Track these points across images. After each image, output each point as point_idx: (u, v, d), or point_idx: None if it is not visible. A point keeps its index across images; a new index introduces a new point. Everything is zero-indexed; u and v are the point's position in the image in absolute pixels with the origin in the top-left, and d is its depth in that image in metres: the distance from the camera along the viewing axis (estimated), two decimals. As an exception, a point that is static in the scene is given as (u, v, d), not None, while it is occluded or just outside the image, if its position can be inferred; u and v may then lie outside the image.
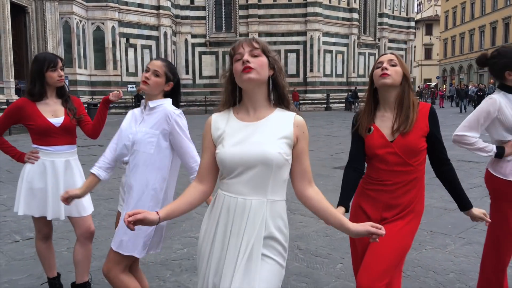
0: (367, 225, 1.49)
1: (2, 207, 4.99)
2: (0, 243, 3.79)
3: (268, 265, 1.43)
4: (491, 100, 2.35)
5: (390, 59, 1.91)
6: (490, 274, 2.45)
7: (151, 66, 2.09)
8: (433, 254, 3.48)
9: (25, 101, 2.50)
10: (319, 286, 2.90)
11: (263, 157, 1.41)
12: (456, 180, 1.98)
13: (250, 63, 1.42)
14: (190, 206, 1.51)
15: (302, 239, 3.83)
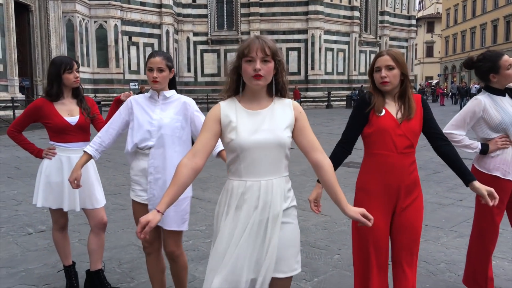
0: (359, 213, 1.67)
1: (13, 202, 5.19)
2: (14, 235, 3.98)
3: (290, 227, 1.70)
4: (477, 101, 2.53)
5: (387, 65, 2.04)
6: (476, 263, 2.63)
7: (153, 64, 2.26)
8: (426, 246, 3.66)
9: (43, 101, 2.68)
10: (317, 275, 3.09)
11: (278, 141, 1.64)
12: (454, 154, 2.12)
13: (261, 71, 1.61)
14: (184, 187, 1.65)
15: (302, 232, 3.94)
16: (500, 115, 2.49)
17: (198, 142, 1.69)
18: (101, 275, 2.76)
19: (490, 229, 2.57)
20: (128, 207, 4.96)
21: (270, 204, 1.64)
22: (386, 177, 2.07)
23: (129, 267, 3.24)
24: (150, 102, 2.34)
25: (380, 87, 2.08)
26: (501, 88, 2.57)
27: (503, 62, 2.49)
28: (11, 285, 2.96)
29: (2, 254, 3.52)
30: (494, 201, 2.07)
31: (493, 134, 2.52)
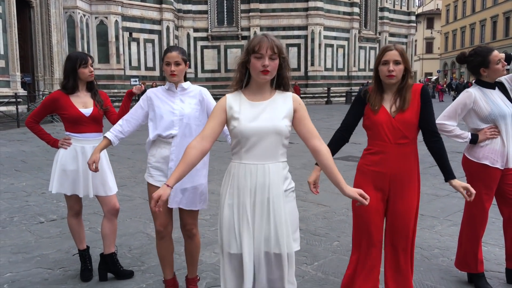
0: (356, 192, 1.85)
1: (23, 193, 5.36)
2: (27, 224, 4.15)
3: (289, 206, 1.89)
4: (468, 94, 2.69)
5: (395, 60, 2.19)
6: (467, 246, 2.80)
7: (171, 59, 2.43)
8: (421, 233, 3.83)
9: (59, 94, 2.84)
10: (317, 259, 3.26)
11: (275, 129, 1.81)
12: (441, 151, 2.26)
13: (268, 67, 1.78)
14: (192, 166, 1.84)
15: (302, 221, 4.17)
16: (489, 107, 2.65)
17: (206, 128, 1.87)
18: (114, 258, 2.92)
19: (480, 215, 2.74)
20: (135, 198, 5.13)
21: (269, 186, 1.82)
22: (381, 165, 2.24)
23: (138, 252, 3.41)
24: (169, 94, 2.50)
25: (385, 79, 2.23)
26: (491, 81, 2.72)
27: (492, 57, 2.65)
28: (28, 268, 3.13)
29: (17, 241, 3.69)
30: (470, 196, 2.20)
31: (483, 125, 2.68)
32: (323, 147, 1.88)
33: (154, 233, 3.79)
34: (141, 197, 5.15)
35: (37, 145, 9.63)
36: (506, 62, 2.71)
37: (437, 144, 2.26)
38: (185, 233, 2.61)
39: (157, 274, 2.98)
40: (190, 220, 2.55)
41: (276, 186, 1.83)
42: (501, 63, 2.66)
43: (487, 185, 2.68)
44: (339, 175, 1.86)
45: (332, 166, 1.86)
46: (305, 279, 2.93)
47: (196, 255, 2.64)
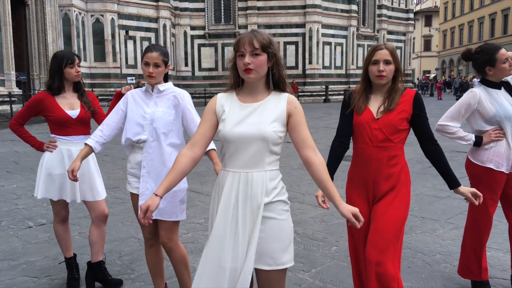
0: (350, 212, 1.66)
1: (13, 196, 5.21)
2: (15, 229, 4.01)
3: (276, 223, 1.67)
4: (472, 94, 2.57)
5: (385, 59, 2.08)
6: (470, 253, 2.68)
7: (150, 59, 2.27)
8: (422, 237, 3.72)
9: (45, 95, 2.70)
10: (314, 266, 3.13)
11: (260, 135, 1.63)
12: (442, 159, 2.15)
13: (250, 65, 1.63)
14: (183, 175, 1.70)
15: (300, 225, 4.05)
16: (494, 108, 2.53)
17: (197, 133, 1.74)
18: (102, 266, 2.79)
19: (484, 220, 2.62)
20: (127, 200, 4.99)
21: (250, 197, 1.65)
22: (364, 169, 2.13)
23: (129, 259, 3.28)
24: (146, 96, 2.37)
25: (375, 79, 2.10)
26: (497, 81, 2.60)
27: (499, 56, 2.52)
28: (13, 277, 2.99)
29: (3, 247, 3.56)
30: (478, 199, 2.11)
31: (487, 126, 2.55)
32: (316, 158, 1.69)
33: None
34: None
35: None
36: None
37: (437, 152, 2.14)
38: (164, 246, 2.40)
39: (148, 282, 2.85)
40: (164, 233, 2.34)
41: (255, 198, 1.65)
42: (508, 62, 2.53)
43: (492, 189, 2.56)
44: (334, 189, 1.69)
45: (326, 179, 1.68)
46: (302, 286, 2.81)
47: (181, 271, 2.41)
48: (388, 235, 2.04)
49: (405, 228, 3.90)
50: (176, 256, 2.38)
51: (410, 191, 2.21)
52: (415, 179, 5.88)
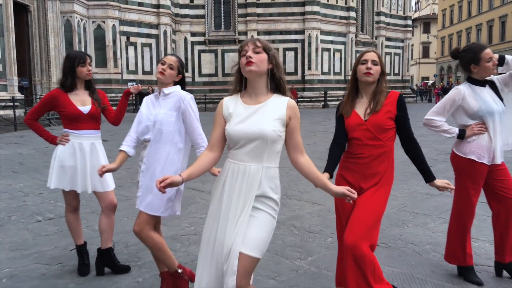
0: (344, 188, 1.89)
1: (20, 194, 5.39)
2: (25, 223, 4.19)
3: (263, 216, 1.84)
4: (457, 90, 2.77)
5: (373, 59, 2.29)
6: (455, 239, 2.87)
7: (167, 60, 2.51)
8: (413, 230, 3.90)
9: (58, 91, 2.90)
10: (310, 255, 3.32)
11: (260, 133, 1.80)
12: (420, 156, 2.36)
13: (252, 58, 1.82)
14: (203, 170, 1.91)
15: (297, 219, 4.24)
16: (478, 104, 2.72)
17: (212, 137, 1.94)
18: (111, 253, 2.97)
19: (467, 209, 2.81)
20: (131, 198, 5.18)
21: (245, 187, 1.82)
22: (352, 166, 2.32)
23: (135, 249, 3.46)
24: (155, 99, 2.57)
25: (362, 77, 2.30)
26: (481, 79, 2.80)
27: (484, 55, 2.72)
28: (26, 264, 3.17)
29: (15, 238, 3.73)
30: (451, 188, 2.31)
31: (471, 121, 2.75)
32: (303, 158, 1.90)
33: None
34: (138, 197, 5.20)
35: (34, 147, 9.66)
36: (498, 63, 2.77)
37: (416, 150, 2.34)
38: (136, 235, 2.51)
39: (153, 269, 3.03)
40: (139, 221, 2.46)
41: (249, 188, 1.81)
42: (492, 62, 2.72)
43: (474, 180, 2.75)
44: (324, 178, 1.90)
45: (315, 171, 1.89)
46: (299, 273, 2.99)
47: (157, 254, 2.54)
48: (365, 222, 2.20)
49: (397, 222, 4.10)
50: (149, 244, 2.50)
51: (390, 189, 2.38)
52: (410, 178, 6.08)
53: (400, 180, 5.96)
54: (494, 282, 2.85)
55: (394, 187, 5.51)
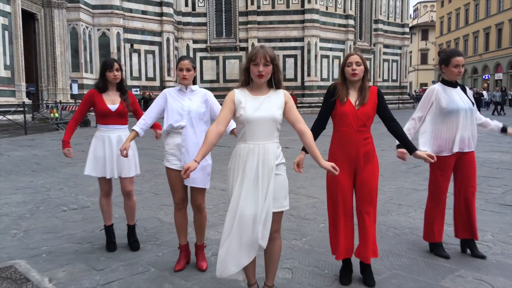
0: (329, 165, 2.43)
1: (43, 189, 5.92)
2: (52, 212, 4.71)
3: (281, 177, 2.42)
4: (431, 89, 3.32)
5: (357, 61, 2.81)
6: (428, 218, 3.39)
7: (184, 66, 3.05)
8: (396, 218, 4.42)
9: (94, 91, 3.47)
10: (305, 236, 3.84)
11: (272, 117, 2.37)
12: (401, 131, 2.88)
13: (262, 72, 2.36)
14: (212, 146, 2.42)
15: (294, 209, 4.76)
16: (446, 102, 3.24)
17: (220, 115, 2.45)
18: (131, 228, 3.59)
19: (438, 192, 3.34)
20: (145, 192, 5.71)
21: (267, 161, 2.37)
22: (347, 147, 2.82)
23: (153, 232, 3.98)
24: (180, 94, 3.11)
25: (350, 77, 2.82)
26: (450, 80, 3.31)
27: (454, 60, 3.24)
28: (60, 244, 3.69)
29: (46, 224, 4.26)
30: (433, 159, 2.83)
31: (441, 116, 3.25)
32: (307, 130, 2.47)
33: (165, 218, 4.40)
34: (149, 191, 5.73)
35: (47, 149, 10.20)
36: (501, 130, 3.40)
37: (397, 127, 2.87)
38: (195, 208, 3.15)
39: (170, 246, 3.56)
40: (199, 196, 3.12)
41: (270, 161, 2.37)
42: (459, 69, 3.24)
43: (441, 169, 3.28)
44: (318, 152, 2.44)
45: (313, 145, 2.46)
46: (294, 250, 3.51)
47: (204, 226, 3.18)
48: (373, 194, 2.84)
49: (383, 211, 4.60)
50: (205, 214, 3.17)
51: (377, 159, 2.92)
52: (399, 176, 6.60)
53: (389, 178, 6.49)
54: (459, 257, 3.36)
55: (383, 183, 6.10)
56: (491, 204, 4.89)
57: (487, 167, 7.35)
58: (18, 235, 3.94)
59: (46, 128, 16.14)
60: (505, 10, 38.88)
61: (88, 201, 5.21)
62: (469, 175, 3.32)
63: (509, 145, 10.43)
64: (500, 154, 8.87)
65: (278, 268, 3.03)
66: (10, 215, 4.61)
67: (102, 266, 3.19)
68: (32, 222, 4.34)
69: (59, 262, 3.26)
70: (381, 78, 34.62)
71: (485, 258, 3.27)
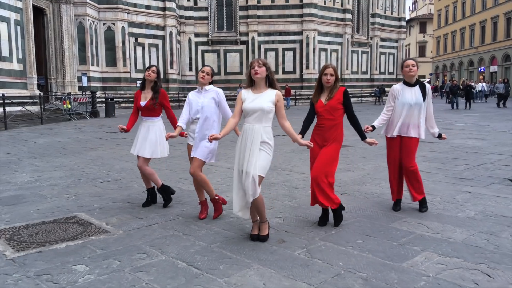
0: (306, 141, 3.52)
1: (77, 167, 7.01)
2: (93, 182, 5.80)
3: (263, 153, 3.44)
4: (394, 87, 4.37)
5: (331, 73, 3.86)
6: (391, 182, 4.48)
7: (205, 69, 4.10)
8: (368, 187, 5.51)
9: (138, 90, 4.56)
10: (295, 198, 4.94)
11: (261, 108, 3.40)
12: (358, 124, 3.93)
13: (258, 70, 3.42)
14: (231, 130, 3.48)
15: (288, 181, 5.85)
16: (400, 97, 4.31)
17: (235, 110, 3.50)
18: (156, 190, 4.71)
19: (390, 162, 4.43)
20: (163, 169, 6.78)
21: (254, 137, 3.39)
22: (322, 131, 3.90)
23: (175, 196, 5.03)
24: (197, 93, 4.16)
25: (324, 84, 3.89)
26: (408, 81, 4.36)
27: (405, 63, 4.32)
28: (105, 203, 4.78)
29: (90, 191, 5.35)
30: (375, 143, 3.91)
31: (397, 107, 4.31)
32: (287, 123, 3.50)
33: (183, 187, 5.48)
34: (167, 169, 6.82)
35: (68, 137, 11.28)
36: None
37: (354, 119, 3.93)
38: (191, 174, 4.12)
39: (190, 205, 4.65)
40: (195, 165, 4.04)
41: (255, 137, 3.38)
42: (409, 68, 4.29)
43: (389, 146, 4.38)
44: (296, 135, 3.53)
45: (291, 131, 3.50)
46: (286, 207, 4.60)
47: (202, 186, 4.15)
48: (325, 164, 3.83)
49: (359, 181, 5.69)
50: (197, 179, 4.11)
51: (340, 145, 3.97)
52: (379, 158, 7.70)
53: (370, 159, 7.59)
54: (409, 211, 4.45)
55: (365, 163, 7.24)
56: (449, 178, 5.99)
57: (459, 151, 8.44)
58: (71, 198, 5.03)
59: (59, 119, 17.19)
60: (501, 4, 39.64)
61: (118, 175, 6.31)
62: (404, 154, 4.38)
63: (487, 133, 11.51)
64: (475, 141, 9.95)
65: (273, 216, 4.15)
66: (58, 185, 5.71)
67: (142, 216, 4.29)
68: (78, 189, 5.44)
69: (109, 214, 4.36)
70: (378, 71, 35.60)
71: (426, 211, 4.36)
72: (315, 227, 3.95)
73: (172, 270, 2.96)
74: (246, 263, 3.09)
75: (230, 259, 3.16)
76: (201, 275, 2.88)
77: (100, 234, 3.74)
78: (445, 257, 3.18)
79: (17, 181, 5.99)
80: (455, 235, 3.66)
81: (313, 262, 3.10)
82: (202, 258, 3.19)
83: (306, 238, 3.64)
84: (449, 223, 4.00)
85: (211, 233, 3.78)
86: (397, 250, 3.33)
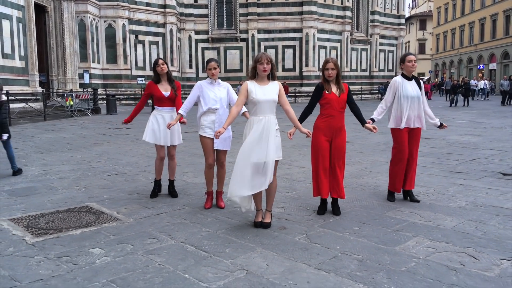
0: (307, 130, 3.76)
1: (84, 161, 7.24)
2: (101, 176, 6.04)
3: (277, 138, 3.71)
4: (394, 80, 4.60)
5: (332, 67, 4.09)
6: (391, 175, 4.70)
7: (212, 66, 4.30)
8: (366, 180, 5.75)
9: (151, 82, 4.78)
10: (295, 190, 5.17)
11: (272, 99, 3.67)
12: (358, 111, 4.15)
13: (266, 68, 3.66)
14: (234, 119, 3.73)
15: (288, 174, 6.09)
16: (402, 89, 4.53)
17: (239, 100, 3.77)
18: (171, 182, 4.92)
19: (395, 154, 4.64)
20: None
21: (269, 127, 3.65)
22: (330, 123, 4.11)
23: (181, 189, 5.28)
24: (211, 85, 4.37)
25: (327, 77, 4.12)
26: (407, 74, 4.59)
27: (407, 58, 4.55)
28: (114, 194, 5.01)
29: (99, 183, 5.58)
30: (375, 130, 4.14)
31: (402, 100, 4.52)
32: (291, 109, 3.77)
33: (188, 180, 5.71)
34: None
35: (72, 133, 11.50)
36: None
37: (356, 108, 4.17)
38: (219, 164, 4.44)
39: (196, 196, 4.89)
40: (222, 156, 4.40)
41: (272, 127, 3.66)
42: (411, 63, 4.52)
43: (396, 139, 4.60)
44: (299, 123, 3.77)
45: (295, 119, 3.77)
46: (286, 198, 4.84)
47: (223, 178, 4.48)
48: (339, 156, 4.14)
49: (357, 174, 5.92)
50: (223, 170, 4.45)
51: (345, 132, 4.23)
52: (377, 153, 7.94)
53: (368, 154, 7.83)
54: (404, 202, 4.69)
55: (363, 158, 7.52)
56: (443, 171, 6.23)
57: (455, 146, 8.68)
58: (81, 189, 5.27)
59: (61, 115, 17.39)
60: (500, 1, 39.81)
61: (124, 169, 6.55)
62: (412, 144, 4.62)
63: (483, 130, 11.75)
64: (470, 137, 10.19)
65: (274, 206, 4.39)
66: (68, 177, 5.94)
67: (151, 205, 4.53)
68: (87, 182, 5.67)
69: (119, 204, 4.60)
70: (377, 68, 35.79)
71: (419, 202, 4.60)
72: (314, 215, 4.19)
73: (182, 253, 3.20)
74: (250, 247, 3.33)
75: (235, 244, 3.40)
76: (209, 257, 3.12)
77: (112, 221, 3.98)
78: (435, 241, 3.42)
79: (28, 174, 6.22)
80: (446, 223, 3.90)
81: (312, 246, 3.34)
82: (209, 242, 3.43)
83: (306, 225, 3.87)
84: (441, 212, 4.24)
85: (216, 221, 4.02)
86: (391, 235, 3.57)
